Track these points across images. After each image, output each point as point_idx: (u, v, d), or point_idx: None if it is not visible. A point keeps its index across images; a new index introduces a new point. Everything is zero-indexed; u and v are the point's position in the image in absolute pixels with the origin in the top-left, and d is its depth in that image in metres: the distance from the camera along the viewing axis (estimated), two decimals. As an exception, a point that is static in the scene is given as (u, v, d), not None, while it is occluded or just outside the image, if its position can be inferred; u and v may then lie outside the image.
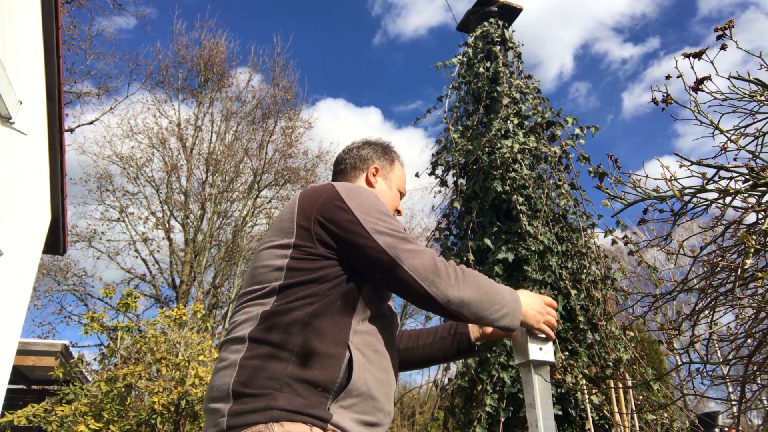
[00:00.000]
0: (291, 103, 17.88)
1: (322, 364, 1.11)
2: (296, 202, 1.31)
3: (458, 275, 1.23)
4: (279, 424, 1.03)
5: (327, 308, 1.18)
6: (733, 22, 1.38)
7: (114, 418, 5.56)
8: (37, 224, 5.82)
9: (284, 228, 1.28)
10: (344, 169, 1.61)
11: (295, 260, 1.22)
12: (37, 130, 5.42)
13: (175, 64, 17.33)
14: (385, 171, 1.60)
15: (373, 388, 1.18)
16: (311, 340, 1.13)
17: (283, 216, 1.32)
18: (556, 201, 4.83)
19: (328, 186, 1.32)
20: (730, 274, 1.48)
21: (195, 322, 6.97)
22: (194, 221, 15.97)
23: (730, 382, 1.67)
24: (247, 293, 1.26)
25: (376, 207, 1.27)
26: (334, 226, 1.23)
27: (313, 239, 1.23)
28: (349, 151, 1.64)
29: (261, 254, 1.29)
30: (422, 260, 1.21)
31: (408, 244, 1.23)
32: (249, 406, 1.06)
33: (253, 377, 1.09)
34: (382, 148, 1.64)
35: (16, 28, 4.64)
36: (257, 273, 1.26)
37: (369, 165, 1.59)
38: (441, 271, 1.21)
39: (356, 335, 1.18)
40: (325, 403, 1.09)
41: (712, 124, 1.43)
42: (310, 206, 1.27)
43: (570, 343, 4.15)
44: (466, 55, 5.66)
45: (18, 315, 5.43)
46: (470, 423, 3.99)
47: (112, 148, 15.86)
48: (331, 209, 1.25)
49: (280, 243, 1.26)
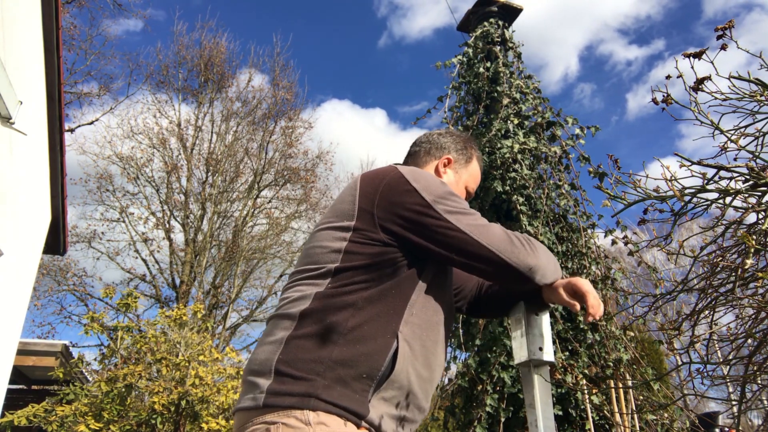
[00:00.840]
0: (291, 103, 17.90)
1: (369, 351, 1.10)
2: (357, 184, 1.28)
3: (529, 243, 1.24)
4: (315, 413, 1.03)
5: (381, 295, 1.16)
6: (733, 22, 1.38)
7: (114, 418, 5.56)
8: (37, 224, 5.82)
9: (345, 210, 1.25)
10: (417, 152, 1.58)
11: (354, 243, 1.19)
12: (38, 130, 5.43)
13: (175, 64, 17.35)
14: (458, 165, 1.56)
15: (415, 383, 1.16)
16: (361, 325, 1.12)
17: (343, 197, 1.29)
18: (557, 201, 4.83)
19: (390, 168, 1.29)
20: (731, 274, 1.48)
21: (195, 323, 6.97)
22: (194, 221, 15.97)
23: (731, 382, 1.67)
24: (301, 271, 1.24)
25: (443, 188, 1.25)
26: (402, 209, 1.20)
27: (375, 224, 1.20)
28: (429, 135, 1.60)
29: (318, 234, 1.27)
30: (497, 233, 1.21)
31: (479, 219, 1.22)
32: (288, 388, 1.05)
33: (298, 357, 1.08)
34: (463, 142, 1.60)
35: (17, 29, 4.65)
36: (313, 252, 1.24)
37: (443, 154, 1.55)
38: (515, 241, 1.22)
39: (407, 326, 1.16)
40: (367, 392, 1.08)
41: (713, 124, 1.43)
42: (373, 189, 1.24)
43: (570, 343, 4.15)
44: (466, 55, 5.66)
45: (18, 315, 5.43)
46: (470, 423, 3.99)
47: (113, 149, 15.87)
48: (397, 193, 1.22)
49: (340, 225, 1.23)
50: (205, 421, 5.76)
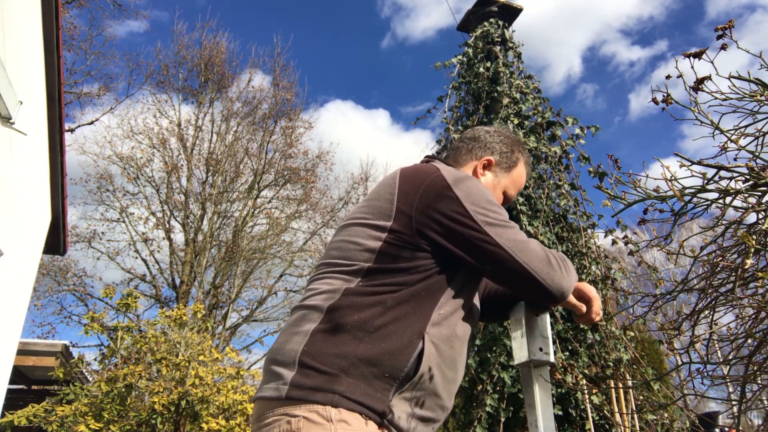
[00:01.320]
0: (291, 103, 17.91)
1: (393, 351, 1.09)
2: (396, 181, 1.25)
3: (565, 265, 1.22)
4: (337, 410, 1.02)
5: (411, 297, 1.15)
6: (733, 22, 1.38)
7: (114, 418, 5.56)
8: (37, 224, 5.82)
9: (382, 208, 1.22)
10: (459, 148, 1.52)
11: (389, 245, 1.17)
12: (38, 130, 5.42)
13: (175, 64, 17.35)
14: (499, 168, 1.49)
15: (439, 384, 1.15)
16: (388, 324, 1.11)
17: (380, 194, 1.26)
18: (557, 201, 4.83)
19: (431, 169, 1.25)
20: (731, 274, 1.48)
21: (195, 323, 6.97)
22: (194, 221, 15.97)
23: (731, 382, 1.67)
24: (332, 264, 1.22)
25: (485, 197, 1.22)
26: (441, 216, 1.17)
27: (413, 228, 1.18)
28: (476, 132, 1.54)
29: (352, 229, 1.25)
30: (535, 252, 1.18)
31: (519, 234, 1.20)
32: (312, 382, 1.05)
33: (323, 351, 1.08)
34: (510, 145, 1.52)
35: (17, 28, 4.65)
36: (346, 247, 1.22)
37: (486, 155, 1.49)
38: (553, 263, 1.20)
39: (434, 327, 1.15)
40: (388, 391, 1.07)
41: (713, 124, 1.43)
42: (413, 191, 1.21)
43: (570, 343, 4.15)
44: (466, 55, 5.66)
45: (18, 315, 5.43)
46: (470, 423, 3.99)
47: (113, 149, 15.87)
48: (438, 197, 1.19)
49: (376, 224, 1.21)
50: (205, 421, 5.76)
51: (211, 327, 11.27)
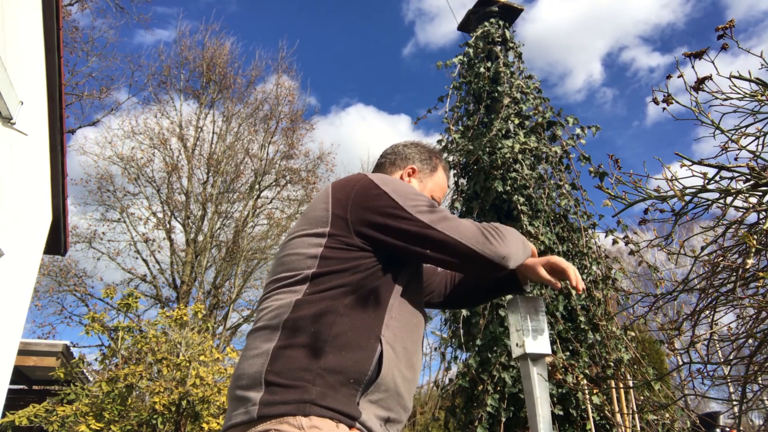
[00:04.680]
0: (293, 105, 17.94)
1: (355, 356, 1.11)
2: (329, 192, 1.31)
3: (498, 233, 1.27)
4: (307, 418, 1.03)
5: (361, 300, 1.18)
6: (734, 22, 1.38)
7: (115, 419, 5.56)
8: (38, 225, 5.82)
9: (318, 217, 1.27)
10: (383, 164, 1.63)
11: (329, 249, 1.21)
12: (38, 130, 5.43)
13: (177, 65, 17.37)
14: (422, 174, 1.60)
15: (400, 384, 1.18)
16: (345, 332, 1.13)
17: (315, 206, 1.31)
18: (557, 201, 4.82)
19: (359, 176, 1.33)
20: (731, 274, 1.48)
21: (196, 323, 6.97)
22: (195, 221, 15.97)
23: (731, 383, 1.67)
24: (277, 280, 1.25)
25: (411, 190, 1.29)
26: (375, 214, 1.23)
27: (350, 229, 1.22)
28: (394, 147, 1.65)
29: (291, 242, 1.29)
30: (468, 228, 1.24)
31: (449, 216, 1.25)
32: (281, 397, 1.06)
33: (286, 367, 1.09)
34: (427, 153, 1.64)
35: (17, 29, 4.65)
36: (288, 260, 1.26)
37: (408, 164, 1.60)
38: (486, 233, 1.24)
39: (388, 330, 1.18)
40: (355, 396, 1.10)
41: (713, 123, 1.43)
42: (345, 195, 1.27)
43: (571, 343, 4.15)
44: (466, 55, 5.66)
45: (19, 315, 5.43)
46: (471, 423, 3.99)
47: (113, 149, 15.88)
48: (369, 197, 1.25)
49: (314, 232, 1.25)
50: (206, 421, 5.76)
51: (212, 327, 11.27)
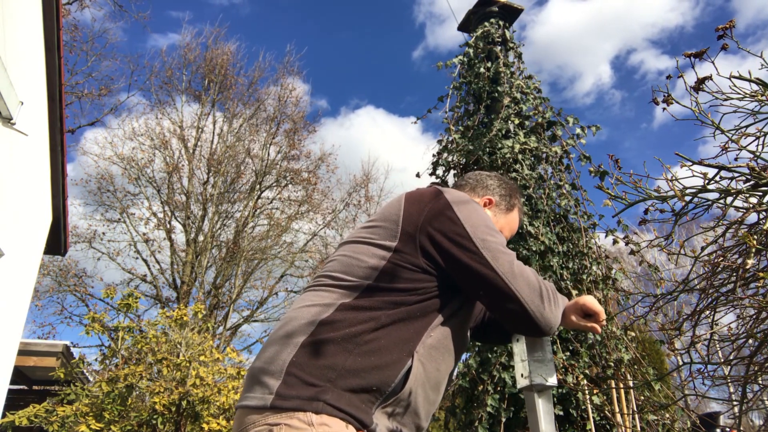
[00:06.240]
0: (295, 106, 17.96)
1: (382, 365, 1.10)
2: (402, 203, 1.27)
3: (555, 299, 1.22)
4: (318, 416, 1.03)
5: (406, 315, 1.16)
6: (734, 22, 1.38)
7: (115, 419, 5.56)
8: (38, 225, 5.82)
9: (388, 229, 1.24)
10: (462, 186, 1.59)
11: (392, 265, 1.18)
12: (38, 130, 5.43)
13: (180, 66, 17.38)
14: (498, 209, 1.55)
15: (420, 403, 1.16)
16: (380, 339, 1.12)
17: (387, 215, 1.28)
18: (557, 201, 4.82)
19: (435, 192, 1.28)
20: (732, 275, 1.48)
21: (196, 323, 6.97)
22: (195, 222, 15.97)
23: (732, 383, 1.67)
24: (331, 277, 1.23)
25: (485, 221, 1.24)
26: (440, 235, 1.19)
27: (417, 248, 1.19)
28: (478, 174, 1.61)
29: (356, 246, 1.26)
30: (528, 282, 1.18)
31: (514, 262, 1.20)
32: (296, 392, 1.06)
33: (311, 362, 1.09)
34: (508, 189, 1.59)
35: (18, 29, 4.65)
36: (348, 263, 1.23)
37: (486, 194, 1.55)
38: (545, 296, 1.19)
39: (424, 347, 1.16)
40: (372, 404, 1.08)
41: (713, 124, 1.43)
42: (418, 212, 1.23)
43: (571, 343, 4.15)
44: (467, 56, 5.65)
45: (19, 315, 5.43)
46: (471, 423, 3.99)
47: (114, 149, 15.88)
48: (440, 219, 1.21)
49: (381, 243, 1.22)
50: (206, 421, 5.76)
51: (212, 327, 11.28)
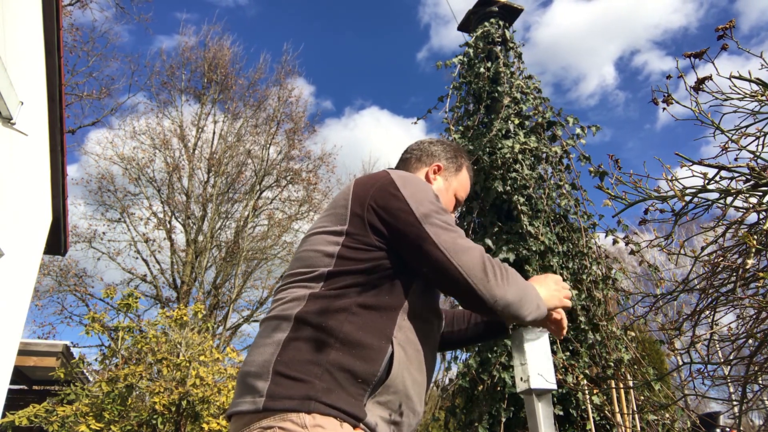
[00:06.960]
0: (295, 107, 17.96)
1: (365, 356, 1.11)
2: (351, 188, 1.30)
3: (504, 274, 1.22)
4: (311, 416, 1.03)
5: (374, 300, 1.17)
6: (734, 22, 1.38)
7: (115, 419, 5.56)
8: (38, 225, 5.82)
9: (338, 214, 1.27)
10: (408, 159, 1.61)
11: (346, 248, 1.21)
12: (39, 130, 5.43)
13: (179, 65, 17.38)
14: (447, 173, 1.58)
15: (410, 387, 1.17)
16: (357, 329, 1.12)
17: (337, 202, 1.31)
18: (557, 201, 4.83)
19: (383, 173, 1.31)
20: (732, 275, 1.48)
21: (196, 323, 6.97)
22: (195, 222, 15.98)
23: (732, 383, 1.67)
24: (294, 274, 1.25)
25: (430, 198, 1.25)
26: (386, 214, 1.21)
27: (366, 227, 1.21)
28: (420, 143, 1.63)
29: (312, 238, 1.29)
30: (473, 257, 1.19)
31: (459, 238, 1.21)
32: (286, 391, 1.06)
33: (296, 359, 1.09)
34: (453, 151, 1.62)
35: (18, 29, 4.65)
36: (307, 256, 1.26)
37: (434, 161, 1.58)
38: (489, 269, 1.19)
39: (400, 331, 1.17)
40: (362, 396, 1.09)
41: (713, 124, 1.43)
42: (365, 193, 1.26)
43: (571, 343, 4.15)
44: (466, 56, 5.66)
45: (19, 315, 5.43)
46: (471, 423, 3.99)
47: (114, 149, 15.89)
48: (384, 196, 1.23)
49: (333, 229, 1.25)
50: (206, 421, 5.76)
51: (212, 327, 11.28)
